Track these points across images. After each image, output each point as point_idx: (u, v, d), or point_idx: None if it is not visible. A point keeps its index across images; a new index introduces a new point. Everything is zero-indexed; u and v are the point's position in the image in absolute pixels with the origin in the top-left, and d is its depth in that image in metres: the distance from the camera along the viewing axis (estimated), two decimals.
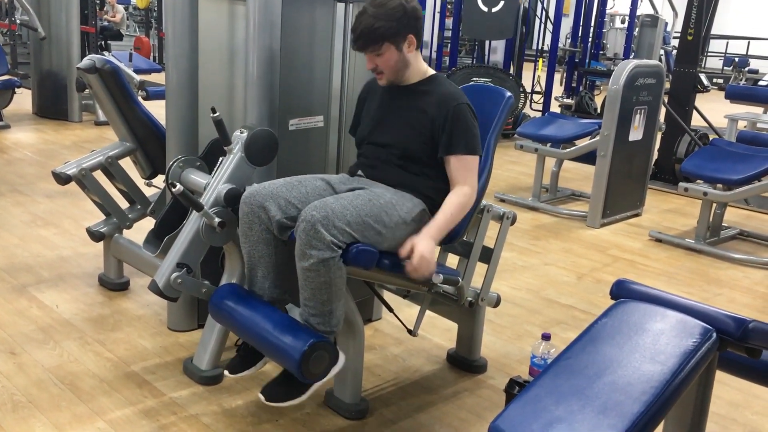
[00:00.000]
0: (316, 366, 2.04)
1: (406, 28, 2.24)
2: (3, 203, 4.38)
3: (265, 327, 2.12)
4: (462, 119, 2.24)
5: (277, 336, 2.07)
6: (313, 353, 2.01)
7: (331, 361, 2.08)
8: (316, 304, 2.08)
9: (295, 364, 1.99)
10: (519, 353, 2.93)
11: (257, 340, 2.15)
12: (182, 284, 2.34)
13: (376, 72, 2.31)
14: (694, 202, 5.00)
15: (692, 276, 4.04)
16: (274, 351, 2.09)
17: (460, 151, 2.24)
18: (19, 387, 2.41)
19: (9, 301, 3.06)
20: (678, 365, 1.57)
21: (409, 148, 2.29)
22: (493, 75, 7.61)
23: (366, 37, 2.22)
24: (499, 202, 5.26)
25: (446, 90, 2.30)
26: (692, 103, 6.10)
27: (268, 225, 2.18)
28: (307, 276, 2.05)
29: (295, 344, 2.02)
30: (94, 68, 2.98)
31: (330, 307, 2.09)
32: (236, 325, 2.22)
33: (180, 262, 2.35)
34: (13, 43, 9.31)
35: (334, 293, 2.07)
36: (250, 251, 2.23)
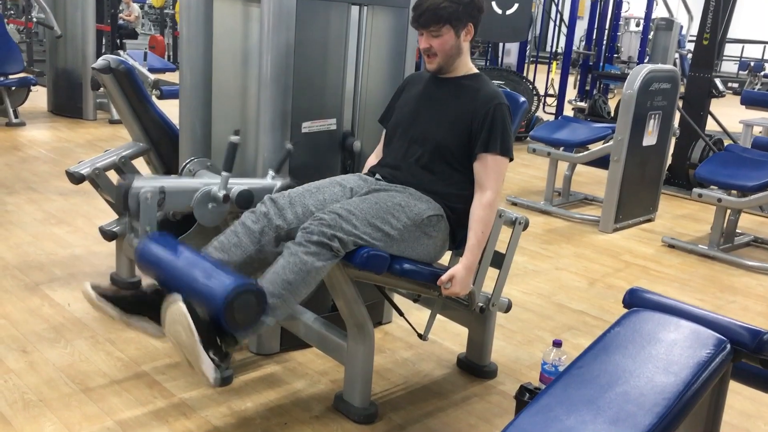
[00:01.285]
0: (241, 311, 1.88)
1: (469, 16, 2.27)
2: (17, 201, 4.41)
3: (198, 266, 1.99)
4: (502, 119, 2.26)
5: (210, 273, 1.94)
6: (244, 293, 1.87)
7: (258, 311, 1.94)
8: (277, 278, 1.99)
9: (221, 296, 1.84)
10: (529, 359, 2.92)
11: (183, 278, 1.98)
12: (147, 204, 2.20)
13: (429, 54, 2.30)
14: (708, 207, 4.95)
15: (705, 283, 4.01)
16: (201, 286, 1.93)
17: (495, 150, 2.24)
18: (30, 386, 2.42)
19: (21, 299, 3.08)
20: (691, 376, 1.56)
21: (443, 141, 2.29)
22: (507, 78, 7.59)
23: (429, 16, 2.23)
24: (511, 205, 5.24)
25: (489, 88, 2.32)
26: (707, 108, 6.05)
27: (270, 230, 2.15)
28: (292, 249, 2.00)
29: (228, 279, 1.89)
30: (109, 68, 3.00)
31: (285, 293, 1.99)
32: (162, 265, 2.06)
33: (164, 188, 2.25)
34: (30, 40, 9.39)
35: (301, 281, 2.00)
36: (232, 235, 2.16)
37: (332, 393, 2.48)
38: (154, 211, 2.26)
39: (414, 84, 2.47)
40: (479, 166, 2.26)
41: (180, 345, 1.91)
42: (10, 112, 6.50)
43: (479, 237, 2.23)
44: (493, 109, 2.25)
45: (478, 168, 2.27)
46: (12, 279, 3.28)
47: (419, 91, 2.41)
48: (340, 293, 2.30)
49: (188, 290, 1.95)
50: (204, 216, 2.34)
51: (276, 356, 2.75)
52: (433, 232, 2.25)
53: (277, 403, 2.44)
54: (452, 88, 2.34)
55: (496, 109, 2.25)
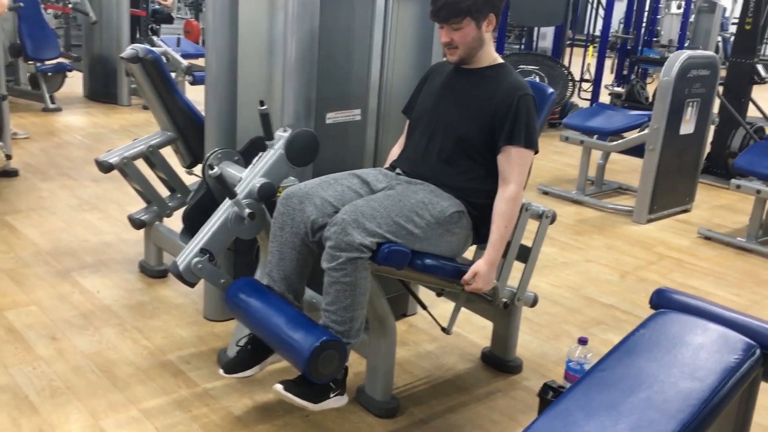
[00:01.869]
0: (325, 365, 1.99)
1: (489, 6, 2.21)
2: (51, 186, 4.49)
3: (277, 321, 2.08)
4: (527, 111, 2.20)
5: (290, 330, 2.04)
6: (323, 351, 1.97)
7: (341, 363, 2.04)
8: (337, 309, 2.05)
9: (304, 359, 1.95)
10: (556, 354, 2.87)
11: (268, 334, 2.12)
12: (202, 270, 2.31)
13: (450, 47, 2.26)
14: (747, 198, 4.81)
15: (742, 277, 3.90)
16: (283, 345, 2.05)
17: (519, 143, 2.19)
18: (59, 373, 2.46)
19: (53, 285, 3.14)
20: (718, 382, 1.51)
21: (465, 133, 2.25)
22: (542, 63, 7.45)
23: (449, 9, 2.18)
24: (542, 194, 5.15)
25: (514, 79, 2.27)
26: (748, 95, 5.86)
27: (299, 228, 2.16)
28: (333, 276, 2.03)
29: (306, 339, 1.98)
30: (137, 58, 3.01)
31: (351, 314, 2.06)
32: (249, 318, 2.19)
33: (204, 247, 2.32)
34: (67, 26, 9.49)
35: (357, 298, 2.05)
36: (275, 251, 2.22)
37: (354, 386, 2.47)
38: (214, 269, 2.35)
39: (437, 74, 2.42)
40: (503, 159, 2.22)
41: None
42: (46, 97, 6.60)
43: (502, 232, 2.20)
44: (517, 100, 2.19)
45: (501, 161, 2.22)
46: (44, 265, 3.33)
47: (442, 81, 2.37)
48: None
49: (276, 349, 2.16)
50: (246, 233, 2.40)
51: None
52: (455, 228, 2.22)
53: None
54: (475, 79, 2.29)
55: (521, 101, 2.20)
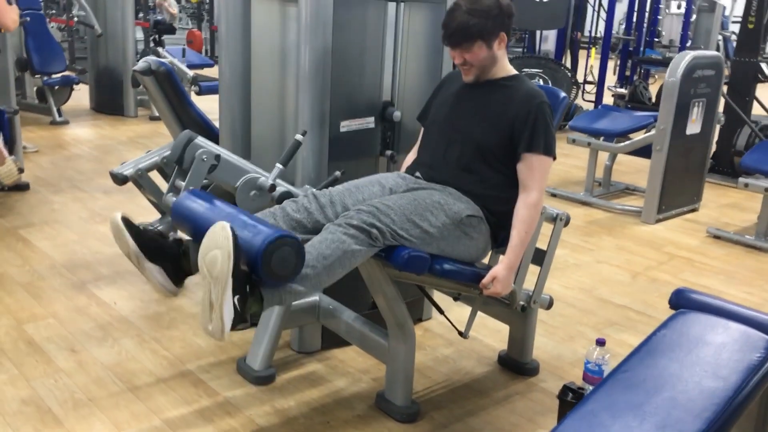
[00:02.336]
0: (279, 263, 1.81)
1: (499, 26, 2.23)
2: (63, 199, 4.52)
3: (233, 215, 1.92)
4: (544, 118, 2.23)
5: (246, 223, 1.89)
6: (280, 247, 1.81)
7: (295, 267, 1.87)
8: (314, 251, 1.96)
9: (259, 251, 1.78)
10: (572, 355, 2.89)
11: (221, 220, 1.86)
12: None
13: (464, 66, 2.30)
14: (755, 196, 4.82)
15: (752, 275, 3.92)
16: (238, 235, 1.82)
17: (539, 150, 2.22)
18: (80, 385, 2.49)
19: (69, 298, 3.16)
20: (741, 381, 1.53)
21: (483, 140, 2.27)
22: (545, 66, 7.48)
23: (459, 35, 2.21)
24: (551, 197, 5.18)
25: (530, 87, 2.30)
26: (753, 94, 5.88)
27: (313, 224, 2.14)
28: (333, 230, 2.00)
29: (268, 229, 1.85)
30: (149, 70, 3.04)
31: (319, 265, 1.95)
32: (197, 218, 1.99)
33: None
34: (71, 39, 9.55)
35: (336, 260, 1.97)
36: (269, 215, 2.13)
37: (374, 391, 2.50)
38: (204, 173, 2.27)
39: (453, 82, 2.45)
40: (523, 167, 2.24)
41: (210, 275, 1.79)
42: (54, 110, 6.64)
43: (522, 237, 2.22)
44: (535, 108, 2.22)
45: (522, 168, 2.25)
46: (60, 278, 3.36)
47: (457, 89, 2.39)
48: (380, 292, 2.30)
49: None
50: (243, 201, 2.36)
51: (317, 354, 2.77)
52: (473, 233, 2.24)
53: (320, 402, 2.46)
54: (491, 89, 2.32)
55: (539, 108, 2.23)
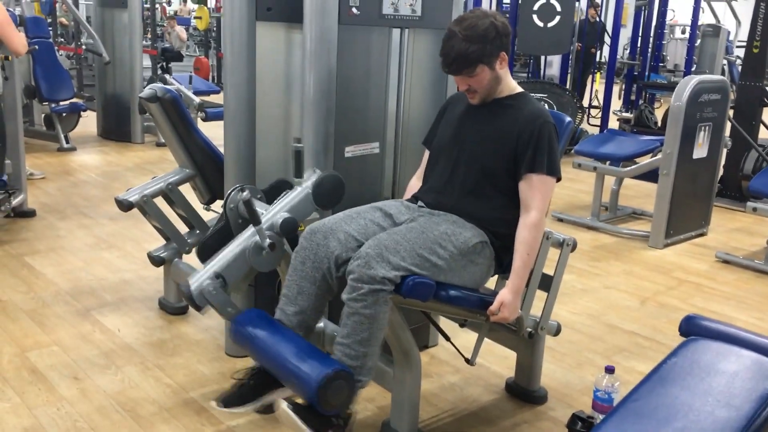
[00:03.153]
0: (335, 395, 1.93)
1: (498, 47, 2.22)
2: (69, 226, 4.52)
3: (288, 349, 2.03)
4: (548, 138, 2.22)
5: (301, 358, 1.99)
6: (334, 381, 1.92)
7: (350, 391, 1.98)
8: (353, 342, 2.03)
9: (314, 386, 1.90)
10: (580, 383, 2.84)
11: (276, 363, 2.05)
12: (213, 295, 2.25)
13: (469, 92, 2.29)
14: (763, 220, 4.80)
15: (763, 300, 3.87)
16: (293, 373, 1.99)
17: (542, 170, 2.20)
18: (82, 413, 2.46)
19: (73, 324, 3.14)
20: (754, 411, 1.49)
21: (488, 162, 2.26)
22: (549, 90, 7.51)
23: (460, 63, 2.20)
24: (557, 221, 5.15)
25: (534, 107, 2.28)
26: (759, 117, 5.88)
27: (322, 264, 2.16)
28: (352, 308, 2.01)
29: (317, 366, 1.94)
30: (156, 97, 3.05)
31: (366, 349, 2.03)
32: (256, 348, 2.12)
33: (218, 272, 2.28)
34: (80, 66, 9.66)
35: (374, 333, 2.03)
36: (294, 285, 2.19)
37: (379, 420, 2.46)
38: (226, 297, 2.31)
39: (456, 104, 2.44)
40: (525, 186, 2.22)
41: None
42: (61, 137, 6.69)
43: (525, 259, 2.19)
44: (539, 128, 2.21)
45: (523, 188, 2.23)
46: (64, 305, 3.35)
47: (462, 111, 2.39)
48: None
49: (284, 378, 2.07)
50: (263, 265, 2.37)
51: None
52: (478, 259, 2.22)
53: None
54: (496, 109, 2.31)
55: (542, 128, 2.21)
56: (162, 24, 15.66)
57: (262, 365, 2.14)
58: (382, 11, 2.58)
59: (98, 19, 7.47)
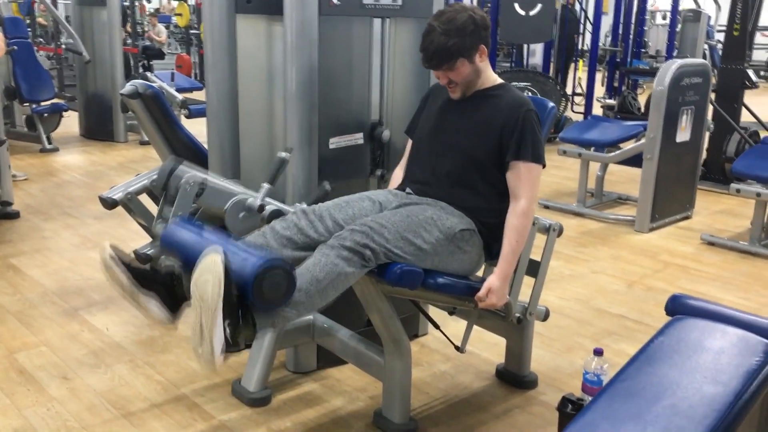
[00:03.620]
0: (270, 288, 1.81)
1: (477, 40, 2.23)
2: (54, 226, 4.48)
3: (223, 242, 1.91)
4: (532, 126, 2.23)
5: (237, 249, 1.88)
6: (270, 271, 1.80)
7: (286, 293, 1.85)
8: (306, 275, 1.95)
9: (249, 278, 1.77)
10: (570, 367, 2.86)
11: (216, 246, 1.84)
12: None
13: (450, 85, 2.29)
14: (747, 202, 4.84)
15: (748, 280, 3.91)
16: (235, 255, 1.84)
17: (527, 158, 2.21)
18: (72, 412, 2.44)
19: (61, 325, 3.12)
20: (741, 386, 1.51)
21: (473, 152, 2.26)
22: (533, 79, 7.52)
23: (440, 57, 2.20)
24: (544, 208, 5.17)
25: (516, 95, 2.30)
26: (741, 100, 5.92)
27: (304, 242, 2.12)
28: (327, 252, 1.98)
29: (252, 258, 1.83)
30: (137, 94, 3.03)
31: (311, 288, 1.94)
32: (186, 246, 1.96)
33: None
34: (60, 66, 9.57)
35: (329, 282, 1.96)
36: (260, 238, 2.11)
37: (371, 409, 2.46)
38: (190, 200, 2.24)
39: (438, 94, 2.44)
40: (512, 175, 2.23)
41: (201, 301, 1.76)
42: (43, 138, 6.62)
43: (514, 246, 2.20)
44: (522, 116, 2.22)
45: (510, 177, 2.24)
46: (51, 305, 3.32)
47: (443, 102, 2.39)
48: (374, 309, 2.28)
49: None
50: (233, 223, 2.33)
51: (313, 374, 2.74)
52: (466, 246, 2.22)
53: (317, 422, 2.43)
54: (478, 99, 2.32)
55: (526, 116, 2.22)
56: (141, 23, 15.52)
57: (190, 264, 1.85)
58: (363, 1, 2.57)
59: (77, 18, 7.40)
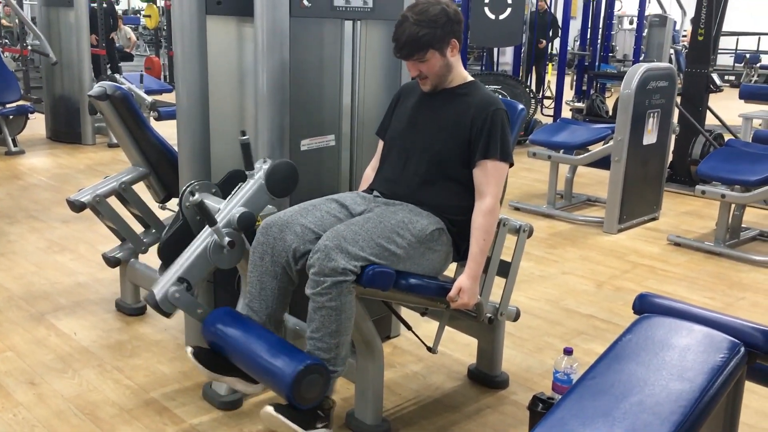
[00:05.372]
0: (309, 389, 1.97)
1: (449, 33, 2.24)
2: (19, 230, 4.40)
3: (260, 347, 2.06)
4: (500, 124, 2.25)
5: (273, 355, 2.02)
6: (307, 374, 1.95)
7: (324, 388, 2.03)
8: (323, 335, 2.04)
9: (288, 382, 1.93)
10: (540, 367, 2.89)
11: (250, 362, 2.09)
12: (179, 300, 2.25)
13: (420, 78, 2.31)
14: (712, 203, 4.93)
15: (713, 280, 3.99)
16: (267, 371, 2.03)
17: (495, 156, 2.23)
18: (40, 418, 2.40)
19: (27, 329, 3.07)
20: (706, 382, 1.54)
21: (442, 150, 2.28)
22: (503, 82, 7.59)
23: (411, 46, 2.22)
24: (514, 210, 5.22)
25: (485, 94, 2.32)
26: (705, 104, 6.03)
27: (280, 257, 2.15)
28: (318, 302, 2.02)
29: (290, 362, 1.97)
30: (105, 95, 2.99)
31: (337, 340, 2.05)
32: (229, 348, 2.15)
33: (181, 276, 2.28)
34: (26, 68, 9.39)
35: (343, 323, 2.04)
36: (255, 281, 2.20)
37: (344, 411, 2.46)
38: (192, 299, 2.29)
39: (409, 95, 2.46)
40: (479, 173, 2.25)
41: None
42: (8, 140, 6.51)
43: (481, 245, 2.22)
44: (491, 115, 2.24)
45: (477, 174, 2.25)
46: (17, 310, 3.26)
47: (415, 101, 2.40)
48: None
49: (259, 376, 2.10)
50: (225, 262, 2.35)
51: None
52: (436, 246, 2.24)
53: None
54: (448, 97, 2.34)
55: (494, 115, 2.24)
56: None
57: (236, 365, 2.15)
58: (334, 3, 2.58)
59: (43, 19, 7.29)
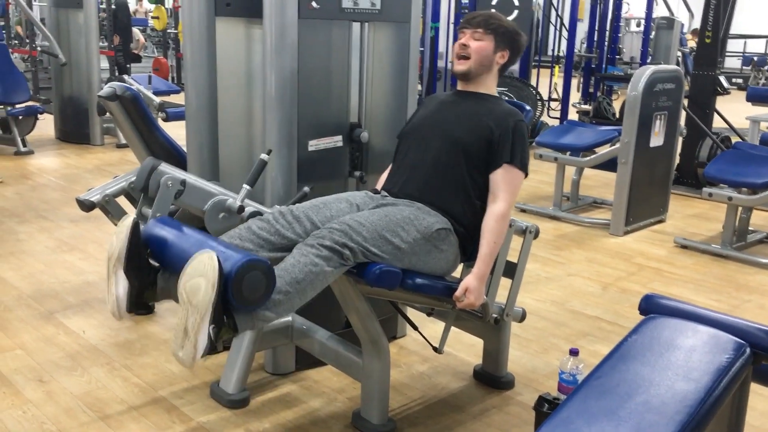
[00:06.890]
0: (249, 287, 1.80)
1: (510, 44, 2.42)
2: (28, 229, 4.44)
3: (203, 242, 1.90)
4: (522, 135, 2.34)
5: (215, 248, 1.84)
6: (251, 271, 1.79)
7: (265, 293, 1.86)
8: (285, 275, 1.95)
9: (229, 277, 1.76)
10: (546, 368, 2.90)
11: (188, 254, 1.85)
12: None
13: (463, 53, 2.40)
14: (719, 206, 4.93)
15: (720, 282, 3.98)
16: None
17: (516, 164, 2.30)
18: (49, 416, 2.43)
19: (36, 328, 3.09)
20: (712, 383, 1.55)
21: (462, 138, 2.33)
22: (510, 84, 7.59)
23: (483, 20, 2.40)
24: (520, 212, 5.23)
25: (509, 107, 2.44)
26: (713, 106, 6.03)
27: (281, 243, 2.13)
28: (306, 250, 1.99)
29: (232, 257, 1.81)
30: (115, 96, 3.02)
31: (291, 289, 1.95)
32: (166, 246, 1.95)
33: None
34: (35, 69, 9.45)
35: (308, 282, 1.97)
36: (236, 238, 2.11)
37: (350, 411, 2.48)
38: (170, 199, 2.25)
39: (432, 101, 2.57)
40: (497, 176, 2.30)
41: (189, 302, 1.78)
42: (18, 141, 6.55)
43: (491, 247, 2.24)
44: (516, 123, 2.33)
45: (495, 178, 2.30)
46: (27, 308, 3.29)
47: (438, 102, 2.52)
48: (353, 310, 2.30)
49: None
50: (212, 224, 2.33)
51: (292, 375, 2.74)
52: (443, 245, 2.25)
53: (296, 423, 2.43)
54: (474, 99, 2.43)
55: (518, 125, 2.34)
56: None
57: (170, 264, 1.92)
58: (342, 5, 2.60)
59: (53, 20, 7.33)
